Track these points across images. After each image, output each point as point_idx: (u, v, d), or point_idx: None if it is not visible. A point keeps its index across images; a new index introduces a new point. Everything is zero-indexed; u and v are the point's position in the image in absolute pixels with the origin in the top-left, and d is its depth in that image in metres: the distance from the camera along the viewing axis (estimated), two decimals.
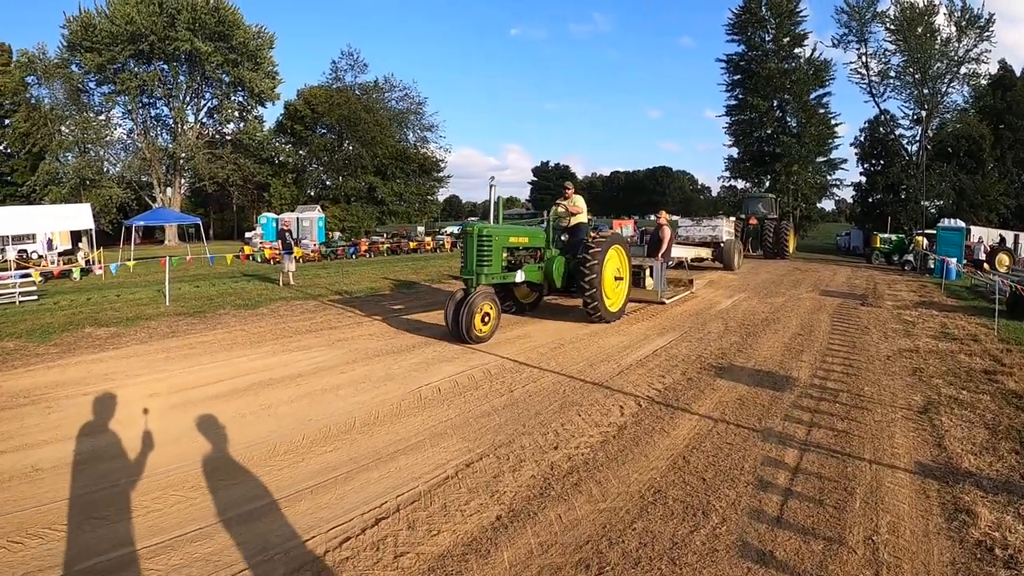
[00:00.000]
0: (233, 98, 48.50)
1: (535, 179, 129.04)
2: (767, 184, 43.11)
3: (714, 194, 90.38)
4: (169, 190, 47.73)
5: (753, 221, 31.10)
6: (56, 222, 26.10)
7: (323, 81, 55.77)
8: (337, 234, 41.21)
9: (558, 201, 11.98)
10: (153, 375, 7.65)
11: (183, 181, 49.46)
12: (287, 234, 18.91)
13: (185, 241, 45.85)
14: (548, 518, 3.99)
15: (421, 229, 43.11)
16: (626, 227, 39.47)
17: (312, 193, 53.56)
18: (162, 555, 3.58)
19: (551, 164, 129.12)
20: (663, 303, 13.15)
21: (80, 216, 26.05)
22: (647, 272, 13.14)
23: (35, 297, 15.99)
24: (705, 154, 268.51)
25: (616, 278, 11.38)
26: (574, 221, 11.59)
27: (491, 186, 11.04)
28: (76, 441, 5.44)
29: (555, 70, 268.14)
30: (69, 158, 43.33)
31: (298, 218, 34.89)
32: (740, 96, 45.06)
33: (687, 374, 7.74)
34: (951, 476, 4.66)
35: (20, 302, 15.44)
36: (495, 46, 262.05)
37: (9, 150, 46.38)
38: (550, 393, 6.79)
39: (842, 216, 71.81)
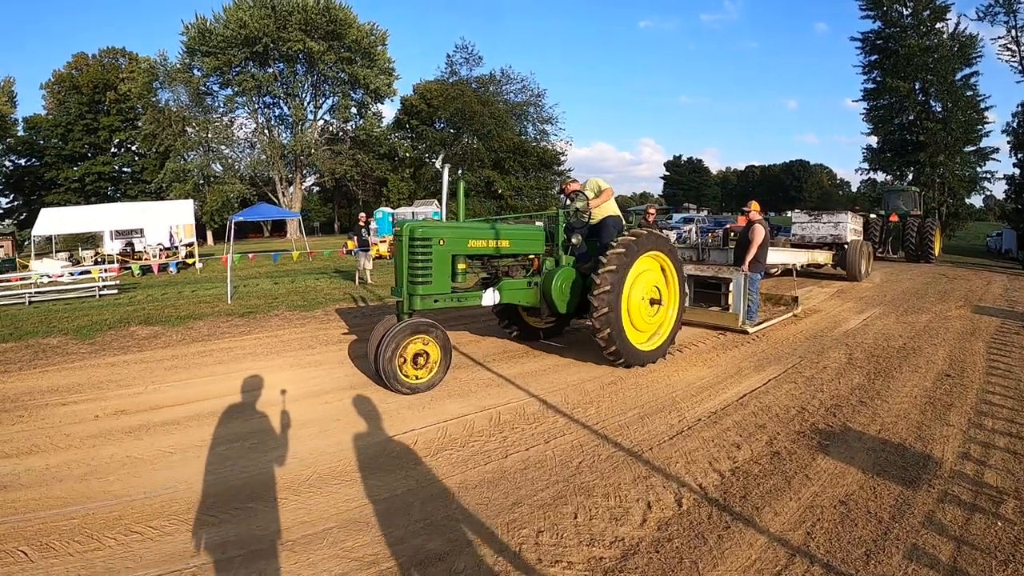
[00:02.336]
0: (352, 95, 49.67)
1: (667, 174, 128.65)
2: (910, 177, 39.46)
3: (854, 189, 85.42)
4: (291, 186, 49.58)
5: (894, 218, 27.02)
6: (159, 217, 27.74)
7: (438, 75, 56.59)
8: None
9: (565, 183, 9.06)
10: (133, 388, 7.38)
11: (304, 177, 51.44)
12: (363, 230, 18.32)
13: (308, 235, 47.91)
14: None
15: (540, 224, 41.99)
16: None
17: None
18: None
19: (684, 158, 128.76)
20: (746, 332, 9.78)
21: (181, 212, 27.69)
22: (730, 288, 10.08)
23: (116, 291, 16.57)
24: (844, 147, 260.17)
25: (653, 301, 7.90)
26: (598, 215, 8.49)
27: (443, 166, 8.37)
28: None
29: (687, 62, 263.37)
30: (193, 157, 45.77)
31: (413, 213, 35.08)
32: (878, 79, 40.76)
33: (774, 444, 5.29)
34: None
35: (100, 295, 16.08)
36: (625, 38, 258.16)
37: (139, 150, 50.87)
38: (558, 464, 4.83)
39: (991, 214, 63.25)
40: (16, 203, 57.98)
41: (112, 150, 57.61)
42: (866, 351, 8.73)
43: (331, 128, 53.29)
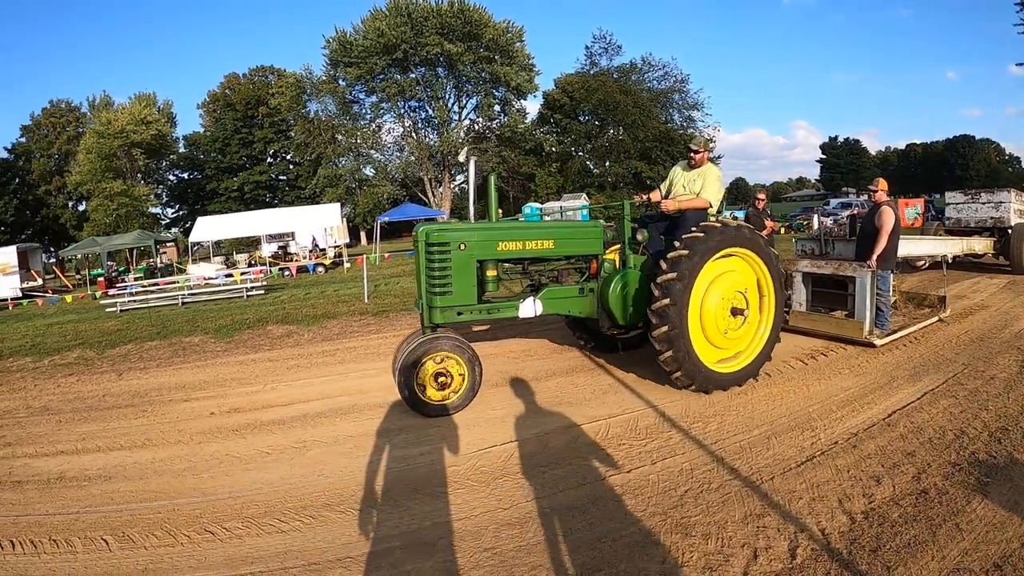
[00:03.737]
0: (494, 94, 50.87)
1: (824, 156, 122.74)
2: None
3: None
4: (440, 186, 51.65)
5: None
6: (310, 221, 29.56)
7: (578, 68, 56.67)
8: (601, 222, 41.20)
9: (675, 173, 7.49)
10: (253, 387, 7.75)
11: (452, 176, 53.37)
12: None
13: None
14: None
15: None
16: (912, 207, 32.27)
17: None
18: None
19: (840, 139, 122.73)
20: (873, 345, 7.92)
21: (329, 215, 29.43)
22: (855, 289, 8.24)
23: (263, 292, 17.74)
24: (1013, 118, 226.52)
25: (736, 311, 6.61)
26: (681, 207, 6.98)
27: (469, 158, 7.47)
28: (100, 454, 5.59)
29: (836, 36, 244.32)
30: (344, 162, 48.93)
31: (561, 207, 35.22)
32: None
33: (922, 479, 4.29)
34: None
35: (248, 295, 17.28)
36: (769, 17, 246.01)
37: (293, 159, 55.13)
38: (660, 492, 4.23)
39: None
40: (181, 212, 65.42)
41: (268, 160, 63.40)
42: None
43: (476, 127, 54.73)
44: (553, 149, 56.20)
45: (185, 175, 64.45)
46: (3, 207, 54.29)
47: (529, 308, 6.55)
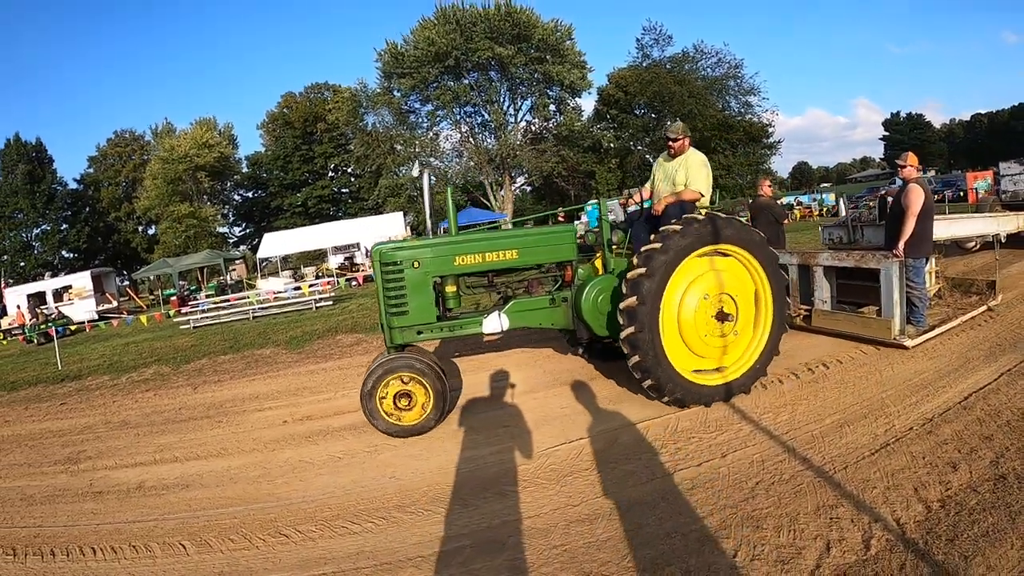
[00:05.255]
0: (548, 93, 51.11)
1: (887, 134, 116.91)
2: None
3: None
4: (501, 189, 52.23)
5: None
6: (373, 231, 30.27)
7: (630, 61, 56.27)
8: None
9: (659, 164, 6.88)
10: (324, 395, 7.99)
11: (513, 179, 53.86)
12: None
13: None
14: None
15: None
16: (982, 180, 29.85)
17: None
18: None
19: (903, 114, 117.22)
20: (905, 347, 6.78)
21: (393, 224, 30.04)
22: (884, 283, 7.06)
23: (331, 303, 18.13)
24: None
25: (720, 316, 5.82)
26: (668, 204, 6.26)
27: (422, 172, 7.09)
28: (177, 464, 5.83)
29: (887, 6, 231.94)
30: (404, 171, 50.39)
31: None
32: None
33: (1001, 464, 4.03)
34: None
35: (317, 307, 17.70)
36: None
37: (354, 171, 56.79)
38: (731, 485, 4.10)
39: None
40: (248, 230, 68.10)
41: (329, 174, 65.05)
42: None
43: (533, 128, 55.02)
44: (611, 145, 55.92)
45: (249, 194, 67.12)
46: (76, 235, 57.28)
47: (494, 323, 6.17)
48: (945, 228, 8.58)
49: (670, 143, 6.41)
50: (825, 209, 40.13)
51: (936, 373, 5.98)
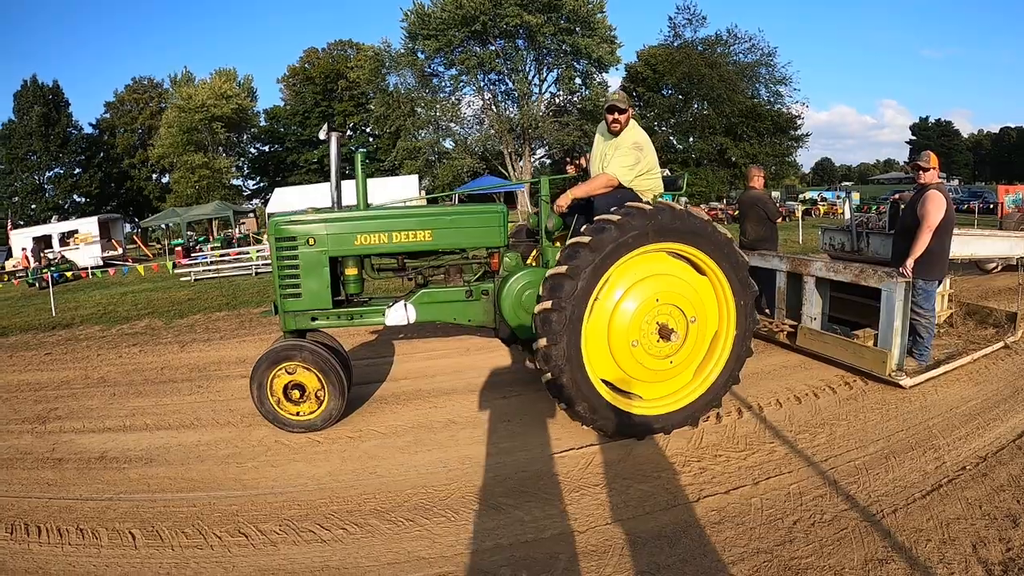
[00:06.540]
0: (575, 66, 50.33)
1: (913, 138, 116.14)
2: None
3: None
4: (520, 159, 51.74)
5: None
6: (386, 192, 30.03)
7: (662, 40, 55.06)
8: (684, 200, 40.70)
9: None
10: None
11: (533, 150, 53.29)
12: None
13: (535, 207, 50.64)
14: None
15: (776, 194, 39.54)
16: (1013, 195, 27.87)
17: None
18: None
19: (931, 120, 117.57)
20: (901, 386, 5.67)
21: (408, 186, 29.94)
22: (886, 306, 5.88)
23: None
24: None
25: (665, 331, 4.73)
26: (577, 196, 5.19)
27: (329, 135, 5.75)
28: (146, 432, 5.38)
29: (925, 9, 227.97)
30: (423, 135, 49.97)
31: None
32: None
33: None
34: None
35: None
36: None
37: (373, 131, 56.40)
38: (764, 522, 3.55)
39: None
40: (262, 184, 67.66)
41: (348, 132, 63.94)
42: None
43: (557, 100, 54.31)
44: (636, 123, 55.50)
45: (266, 148, 66.54)
46: (88, 179, 57.22)
47: (399, 314, 5.40)
48: (962, 246, 7.52)
49: (616, 116, 5.19)
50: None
51: (984, 402, 5.39)
